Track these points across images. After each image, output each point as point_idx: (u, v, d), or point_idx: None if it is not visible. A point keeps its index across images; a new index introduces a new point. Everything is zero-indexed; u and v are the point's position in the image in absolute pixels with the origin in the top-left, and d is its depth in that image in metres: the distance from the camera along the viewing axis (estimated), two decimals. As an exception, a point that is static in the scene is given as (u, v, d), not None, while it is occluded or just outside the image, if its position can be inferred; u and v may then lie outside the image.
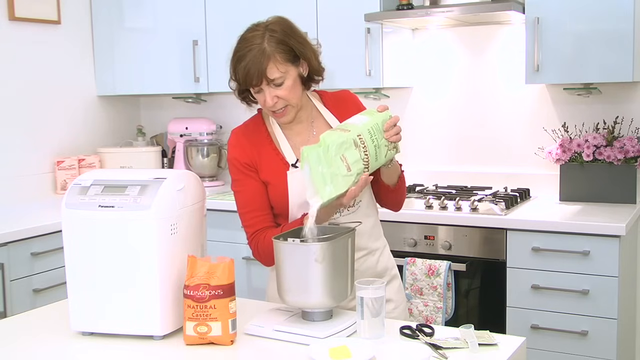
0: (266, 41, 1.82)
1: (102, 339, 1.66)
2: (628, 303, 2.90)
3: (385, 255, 2.00)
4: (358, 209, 1.90)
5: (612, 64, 2.82)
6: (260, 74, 1.81)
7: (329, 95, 2.00)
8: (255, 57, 1.82)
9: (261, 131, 1.98)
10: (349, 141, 1.65)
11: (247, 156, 1.95)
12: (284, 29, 1.87)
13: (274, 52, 1.81)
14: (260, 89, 1.84)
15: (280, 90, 1.83)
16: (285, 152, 1.91)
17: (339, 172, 1.64)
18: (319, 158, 1.63)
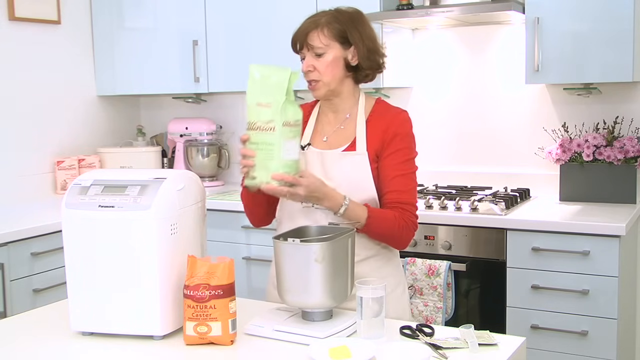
0: (325, 16, 1.91)
1: (102, 339, 1.66)
2: (628, 303, 2.90)
3: (372, 265, 1.93)
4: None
5: (612, 64, 2.82)
6: (303, 38, 1.90)
7: (382, 108, 1.98)
8: (308, 24, 1.91)
9: (308, 110, 2.05)
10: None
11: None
12: (352, 15, 1.93)
13: (324, 25, 1.89)
14: (304, 56, 1.92)
15: (318, 61, 1.89)
16: (305, 133, 1.99)
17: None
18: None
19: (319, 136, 2.00)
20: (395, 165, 1.90)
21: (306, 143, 1.98)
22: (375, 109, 1.97)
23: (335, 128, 1.98)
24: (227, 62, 3.68)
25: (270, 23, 3.51)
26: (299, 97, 3.06)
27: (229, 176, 4.14)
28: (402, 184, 1.90)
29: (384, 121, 1.93)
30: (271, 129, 1.68)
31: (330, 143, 1.97)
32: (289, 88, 1.70)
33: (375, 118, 1.95)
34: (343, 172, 1.90)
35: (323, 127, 2.00)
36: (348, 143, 1.94)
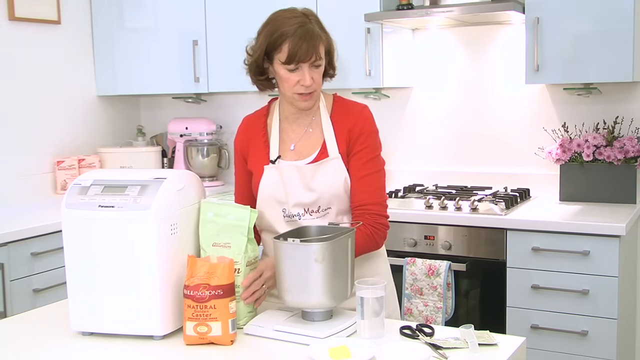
0: (310, 23, 1.86)
1: (102, 339, 1.66)
2: (628, 303, 2.90)
3: (362, 267, 1.90)
4: (325, 215, 1.89)
5: (612, 64, 2.82)
6: (314, 49, 1.82)
7: (342, 105, 1.98)
8: (308, 33, 1.83)
9: (259, 123, 2.02)
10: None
11: (241, 144, 2.02)
12: (317, 17, 1.92)
13: (320, 33, 1.86)
14: (297, 68, 1.84)
15: (316, 72, 1.86)
16: (271, 146, 1.95)
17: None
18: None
19: (286, 146, 1.95)
20: (360, 165, 1.89)
21: (276, 157, 1.93)
22: (336, 106, 1.96)
23: (302, 134, 1.95)
24: (227, 62, 3.68)
25: (270, 23, 3.51)
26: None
27: (229, 176, 4.14)
28: (367, 184, 1.89)
29: (349, 119, 1.92)
30: (236, 271, 1.66)
31: (299, 152, 1.94)
32: (250, 227, 1.68)
33: (339, 116, 1.94)
34: (324, 182, 1.88)
35: (288, 135, 1.96)
36: (318, 148, 1.92)
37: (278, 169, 1.91)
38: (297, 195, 1.88)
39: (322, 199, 1.87)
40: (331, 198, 1.87)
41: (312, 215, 1.88)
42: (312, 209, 1.88)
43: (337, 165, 1.89)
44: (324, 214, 1.89)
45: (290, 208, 1.89)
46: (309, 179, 1.89)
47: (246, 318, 1.69)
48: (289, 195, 1.89)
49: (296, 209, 1.89)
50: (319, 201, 1.88)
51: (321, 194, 1.87)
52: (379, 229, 1.88)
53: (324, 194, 1.87)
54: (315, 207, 1.88)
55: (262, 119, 2.02)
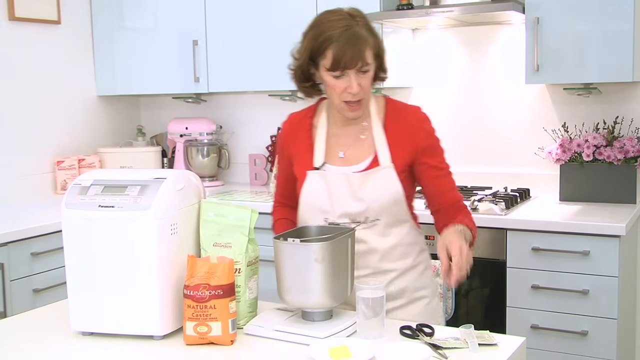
0: (356, 26, 1.74)
1: (102, 339, 1.66)
2: (628, 303, 2.90)
3: (407, 279, 1.89)
4: (374, 226, 1.83)
5: (612, 64, 2.82)
6: (359, 55, 1.72)
7: (395, 109, 1.88)
8: (353, 38, 1.72)
9: (304, 123, 1.93)
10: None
11: (284, 144, 1.96)
12: (366, 18, 1.80)
13: (367, 37, 1.75)
14: (344, 74, 1.75)
15: (364, 79, 1.76)
16: (317, 152, 1.87)
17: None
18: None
19: (334, 152, 1.87)
20: (440, 164, 1.87)
21: (321, 163, 1.86)
22: (389, 111, 1.87)
23: (353, 141, 1.87)
24: (227, 62, 3.68)
25: (270, 23, 3.51)
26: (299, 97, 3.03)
27: (229, 176, 4.15)
28: (451, 181, 1.90)
29: (406, 126, 1.84)
30: (237, 271, 1.66)
31: (348, 159, 1.86)
32: (251, 227, 1.68)
33: (393, 123, 1.85)
34: (373, 192, 1.81)
35: (337, 141, 1.88)
36: (370, 156, 1.84)
37: (323, 176, 1.84)
38: (343, 205, 1.82)
39: (370, 209, 1.81)
40: (380, 209, 1.81)
41: (359, 225, 1.82)
42: (359, 220, 1.82)
43: (388, 175, 1.81)
44: (371, 225, 1.83)
45: (335, 217, 1.83)
46: (357, 188, 1.81)
47: (246, 318, 1.69)
48: (335, 205, 1.83)
49: (342, 219, 1.83)
50: (367, 212, 1.82)
51: (369, 204, 1.81)
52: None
53: (373, 205, 1.81)
54: (363, 218, 1.82)
55: (307, 119, 1.93)
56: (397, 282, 1.87)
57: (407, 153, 1.83)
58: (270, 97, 3.89)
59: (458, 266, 1.61)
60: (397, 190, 1.82)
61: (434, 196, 1.89)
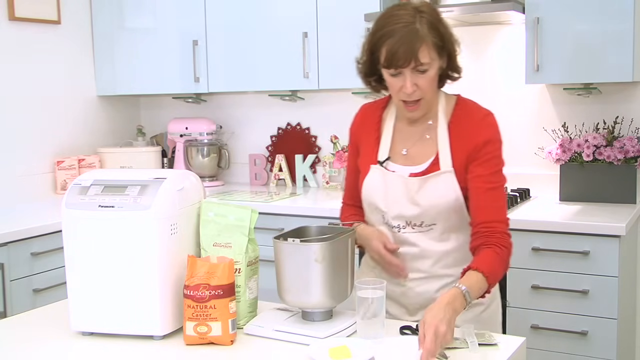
0: (418, 22, 1.66)
1: (102, 339, 1.66)
2: (628, 303, 2.90)
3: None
4: (429, 230, 1.78)
5: (612, 64, 2.82)
6: (411, 54, 1.64)
7: (464, 110, 1.80)
8: (408, 35, 1.64)
9: (375, 115, 1.88)
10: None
11: (355, 133, 1.93)
12: (434, 13, 1.72)
13: (427, 34, 1.66)
14: (400, 73, 1.69)
15: (422, 78, 1.69)
16: (382, 145, 1.83)
17: None
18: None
19: (398, 148, 1.82)
20: (487, 176, 1.74)
21: (385, 158, 1.81)
22: (457, 111, 1.80)
23: (417, 139, 1.81)
24: (227, 62, 3.68)
25: (271, 23, 3.51)
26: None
27: (229, 176, 4.15)
28: (496, 198, 1.74)
29: (470, 127, 1.77)
30: (237, 271, 1.66)
31: (411, 157, 1.81)
32: (251, 227, 1.67)
33: (458, 123, 1.78)
34: (431, 198, 1.75)
35: (402, 137, 1.83)
36: (431, 158, 1.78)
37: (383, 174, 1.80)
38: (399, 207, 1.78)
39: (426, 214, 1.76)
40: (436, 215, 1.75)
41: (414, 228, 1.79)
42: (415, 223, 1.78)
43: (448, 180, 1.75)
44: (427, 229, 1.78)
45: (391, 218, 1.80)
46: (414, 193, 1.77)
47: (246, 318, 1.69)
48: (391, 206, 1.79)
49: (397, 221, 1.80)
50: (423, 216, 1.77)
51: (426, 209, 1.75)
52: (509, 250, 1.73)
53: (429, 210, 1.75)
54: (419, 222, 1.78)
55: (378, 111, 1.88)
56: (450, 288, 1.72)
57: (465, 156, 1.76)
58: (270, 97, 3.89)
59: (427, 350, 1.43)
60: (456, 197, 1.75)
61: (472, 210, 1.76)
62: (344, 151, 3.61)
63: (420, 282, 1.82)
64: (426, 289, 1.82)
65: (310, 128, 3.89)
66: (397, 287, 1.85)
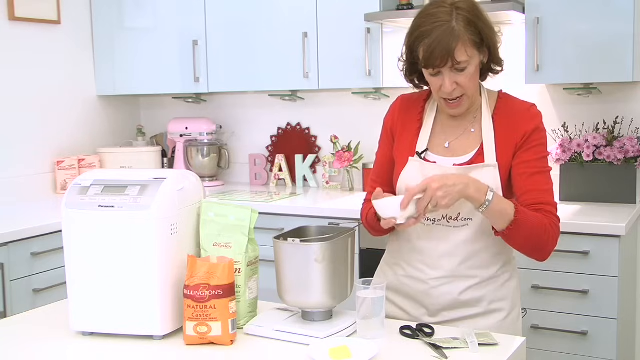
0: (454, 20, 1.64)
1: (102, 339, 1.66)
2: (628, 303, 2.90)
3: (486, 288, 1.77)
4: (464, 226, 1.74)
5: (612, 64, 2.82)
6: (447, 54, 1.63)
7: (507, 100, 1.80)
8: (444, 35, 1.63)
9: (418, 106, 1.85)
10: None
11: (392, 122, 1.88)
12: (472, 8, 1.69)
13: (463, 32, 1.64)
14: (439, 72, 1.68)
15: (461, 76, 1.68)
16: (422, 136, 1.81)
17: None
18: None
19: (439, 141, 1.80)
20: (535, 161, 1.72)
21: (423, 149, 1.78)
22: (500, 105, 1.79)
23: (461, 132, 1.79)
24: (227, 62, 3.68)
25: (270, 23, 3.51)
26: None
27: (229, 176, 4.15)
28: (542, 182, 1.72)
29: (514, 118, 1.75)
30: (237, 271, 1.66)
31: (453, 149, 1.78)
32: (251, 227, 1.67)
33: (501, 117, 1.77)
34: None
35: (444, 130, 1.80)
36: (475, 149, 1.76)
37: (422, 166, 1.77)
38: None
39: (464, 206, 1.69)
40: (474, 208, 1.66)
41: (449, 222, 1.74)
42: (451, 216, 1.74)
43: (491, 174, 1.72)
44: (463, 224, 1.74)
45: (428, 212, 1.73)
46: None
47: (246, 318, 1.69)
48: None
49: (433, 214, 1.73)
50: (460, 207, 1.71)
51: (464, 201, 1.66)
52: (557, 232, 1.72)
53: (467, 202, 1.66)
54: (455, 214, 1.73)
55: (420, 102, 1.85)
56: (474, 291, 1.77)
57: (511, 148, 1.73)
58: (270, 97, 3.89)
59: (409, 191, 1.54)
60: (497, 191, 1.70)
61: (518, 195, 1.73)
62: (343, 151, 3.61)
63: (444, 281, 1.77)
64: (450, 290, 1.77)
65: (310, 128, 3.89)
66: (420, 285, 1.80)
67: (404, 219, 1.60)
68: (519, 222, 1.64)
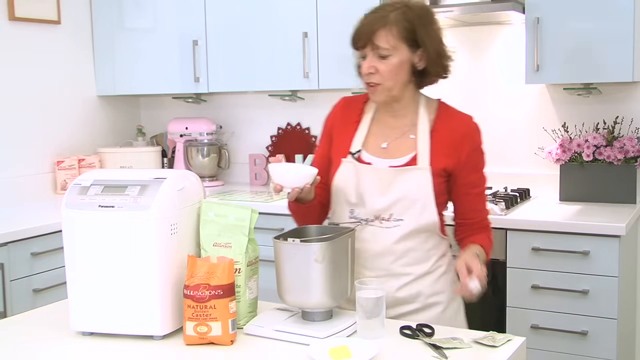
0: (395, 12, 1.75)
1: (102, 339, 1.66)
2: (628, 303, 2.90)
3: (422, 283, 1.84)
4: (396, 227, 1.80)
5: (612, 64, 2.82)
6: (368, 35, 1.74)
7: (447, 114, 1.86)
8: (374, 19, 1.76)
9: (357, 107, 1.92)
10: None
11: (333, 123, 1.95)
12: (420, 12, 1.78)
13: (393, 23, 1.74)
14: (365, 55, 1.78)
15: (382, 63, 1.75)
16: (356, 138, 1.86)
17: None
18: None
19: (377, 141, 1.85)
20: (478, 180, 1.86)
21: (357, 150, 1.84)
22: (440, 115, 1.84)
23: (399, 135, 1.84)
24: (227, 62, 3.68)
25: (270, 23, 3.51)
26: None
27: (229, 176, 4.15)
28: (484, 199, 1.91)
29: (454, 132, 1.81)
30: (237, 271, 1.66)
31: (390, 151, 1.83)
32: (251, 227, 1.68)
33: (442, 128, 1.82)
34: (402, 189, 1.78)
35: (382, 131, 1.86)
36: (412, 154, 1.81)
37: (354, 167, 1.82)
38: (370, 199, 1.79)
39: (396, 207, 1.78)
40: (406, 209, 1.77)
41: (382, 223, 1.80)
42: (384, 217, 1.80)
43: (422, 176, 1.78)
44: (395, 224, 1.79)
45: (360, 212, 1.81)
46: (386, 184, 1.79)
47: (246, 318, 1.69)
48: (361, 198, 1.80)
49: (366, 214, 1.81)
50: (392, 209, 1.78)
51: (397, 201, 1.77)
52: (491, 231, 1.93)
53: (401, 202, 1.77)
54: (387, 215, 1.79)
55: (360, 104, 1.92)
56: (410, 287, 1.83)
57: (450, 161, 1.80)
58: (270, 97, 3.89)
59: (477, 273, 1.66)
60: (428, 194, 1.78)
61: (462, 212, 1.89)
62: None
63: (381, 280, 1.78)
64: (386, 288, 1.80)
65: (310, 128, 3.89)
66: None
67: (289, 188, 1.72)
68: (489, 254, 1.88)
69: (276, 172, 1.73)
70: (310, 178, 1.73)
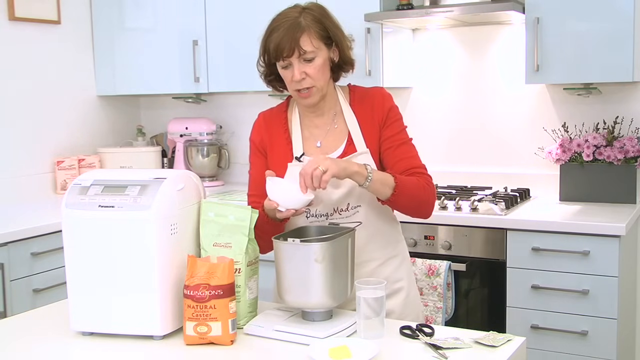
0: (302, 17, 1.80)
1: (102, 339, 1.66)
2: (628, 303, 2.90)
3: (388, 268, 1.91)
4: (355, 214, 1.85)
5: (612, 64, 2.82)
6: (293, 43, 1.78)
7: (359, 90, 1.95)
8: (291, 27, 1.79)
9: (280, 118, 1.96)
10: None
11: (260, 139, 1.96)
12: (321, 11, 1.86)
13: (309, 25, 1.80)
14: (289, 64, 1.81)
15: (309, 67, 1.80)
16: (294, 143, 1.91)
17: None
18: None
19: (311, 143, 1.91)
20: (397, 134, 1.88)
21: (300, 154, 1.88)
22: (353, 96, 1.93)
23: (327, 130, 1.91)
24: (227, 62, 3.68)
25: (270, 23, 3.51)
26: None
27: (229, 176, 4.15)
28: (408, 150, 1.89)
29: (370, 103, 1.89)
30: (237, 271, 1.66)
31: (325, 148, 1.90)
32: (251, 227, 1.68)
33: (359, 104, 1.90)
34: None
35: (311, 132, 1.92)
36: (344, 142, 1.88)
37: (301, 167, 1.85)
38: (325, 195, 1.82)
39: (351, 195, 1.83)
40: (360, 195, 1.83)
41: (341, 214, 1.84)
42: (341, 208, 1.85)
43: (366, 160, 1.83)
44: (353, 212, 1.85)
45: (319, 208, 1.85)
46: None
47: (246, 318, 1.69)
48: (318, 195, 1.80)
49: (324, 209, 1.85)
50: (348, 198, 1.84)
51: (350, 189, 1.83)
52: (433, 189, 1.86)
53: (354, 190, 1.82)
54: (344, 205, 1.84)
55: (281, 114, 1.97)
56: (378, 273, 1.89)
57: (375, 131, 1.87)
58: (270, 97, 3.88)
59: (302, 171, 1.65)
60: None
61: (390, 165, 1.86)
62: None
63: (369, 279, 1.80)
64: (359, 274, 1.83)
65: (310, 128, 3.89)
66: None
67: (283, 208, 1.69)
68: (400, 186, 1.77)
69: (274, 191, 1.71)
70: (310, 200, 1.70)
